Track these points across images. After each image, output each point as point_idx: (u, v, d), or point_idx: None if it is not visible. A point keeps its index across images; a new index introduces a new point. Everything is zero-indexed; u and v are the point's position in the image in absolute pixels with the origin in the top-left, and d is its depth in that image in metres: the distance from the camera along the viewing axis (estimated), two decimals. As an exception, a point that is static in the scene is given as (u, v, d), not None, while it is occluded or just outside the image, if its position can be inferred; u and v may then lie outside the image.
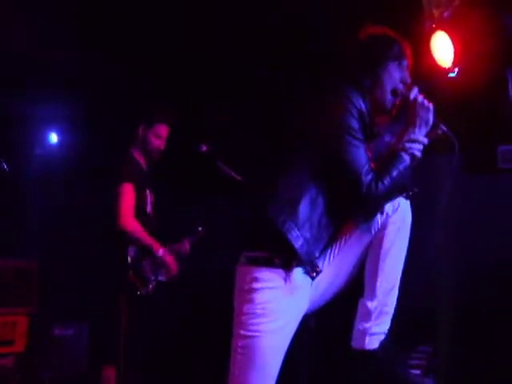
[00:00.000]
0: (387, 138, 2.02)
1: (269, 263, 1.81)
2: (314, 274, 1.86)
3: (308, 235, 1.82)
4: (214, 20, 3.52)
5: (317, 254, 1.87)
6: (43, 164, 4.74)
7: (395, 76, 1.96)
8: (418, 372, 2.26)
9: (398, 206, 1.93)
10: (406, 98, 1.93)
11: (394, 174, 1.83)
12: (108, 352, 3.23)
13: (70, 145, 4.80)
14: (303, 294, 1.89)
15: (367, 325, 1.94)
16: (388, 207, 1.91)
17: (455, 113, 2.88)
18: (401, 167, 1.85)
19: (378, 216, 1.91)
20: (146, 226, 3.23)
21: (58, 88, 4.12)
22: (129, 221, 3.13)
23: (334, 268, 1.96)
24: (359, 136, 1.85)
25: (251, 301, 1.80)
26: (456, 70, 3.03)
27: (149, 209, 3.34)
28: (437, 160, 2.85)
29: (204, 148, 3.30)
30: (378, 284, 1.92)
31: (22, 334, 4.13)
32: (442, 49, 3.05)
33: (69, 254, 4.49)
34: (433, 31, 3.06)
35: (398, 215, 1.93)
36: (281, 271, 1.81)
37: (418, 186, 1.97)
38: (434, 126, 1.91)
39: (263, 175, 2.06)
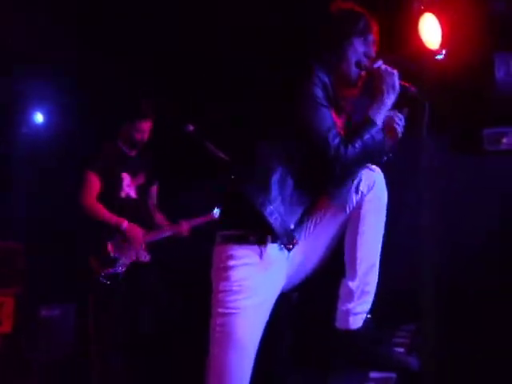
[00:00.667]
0: (357, 117, 2.03)
1: (243, 240, 1.82)
2: (291, 246, 1.87)
3: (281, 209, 1.84)
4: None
5: (292, 226, 1.89)
6: (29, 143, 4.72)
7: (360, 50, 1.97)
8: (401, 350, 2.28)
9: (374, 184, 1.92)
10: (370, 71, 1.95)
11: (366, 137, 1.83)
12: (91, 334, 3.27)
13: (56, 124, 4.79)
14: (279, 271, 1.91)
15: (350, 305, 1.94)
16: (363, 186, 1.90)
17: (442, 94, 2.89)
18: (372, 131, 1.85)
19: (354, 195, 1.91)
20: (121, 210, 3.30)
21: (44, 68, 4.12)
22: (86, 203, 3.28)
23: (309, 245, 1.97)
24: (324, 103, 1.86)
25: (227, 278, 1.81)
26: (443, 52, 3.04)
27: (125, 192, 3.39)
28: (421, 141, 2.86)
29: (191, 128, 3.31)
30: (358, 264, 1.92)
31: (9, 315, 4.13)
32: (430, 31, 3.06)
33: (56, 234, 4.48)
34: (421, 13, 3.06)
35: (374, 194, 1.92)
36: (256, 248, 1.82)
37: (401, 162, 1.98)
38: (403, 90, 1.92)
39: (237, 157, 2.06)
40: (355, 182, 1.90)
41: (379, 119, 1.89)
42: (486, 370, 3.03)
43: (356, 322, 1.95)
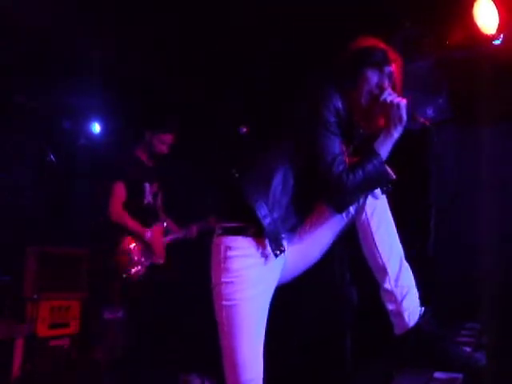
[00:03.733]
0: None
1: (242, 232, 1.91)
2: (278, 252, 1.93)
3: (276, 216, 1.92)
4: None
5: (282, 235, 1.94)
6: (88, 154, 4.88)
7: (373, 81, 2.02)
8: (467, 349, 2.20)
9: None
10: (379, 102, 1.99)
11: (369, 167, 1.89)
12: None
13: (113, 134, 4.92)
14: (275, 264, 1.96)
15: (397, 305, 1.96)
16: None
17: (500, 81, 2.77)
18: (376, 162, 1.91)
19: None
20: (144, 216, 3.66)
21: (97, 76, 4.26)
22: (115, 213, 3.58)
23: (304, 246, 2.04)
24: (334, 129, 1.93)
25: (227, 270, 1.89)
26: (501, 36, 2.91)
27: (147, 200, 3.73)
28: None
29: (244, 130, 3.42)
30: (386, 263, 1.97)
31: (75, 317, 4.33)
32: (486, 15, 2.93)
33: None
34: (475, -4, 2.94)
35: (371, 200, 1.99)
36: (252, 240, 1.90)
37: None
38: (412, 119, 1.97)
39: (245, 156, 2.13)
40: None
41: (384, 151, 1.93)
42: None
43: (412, 317, 1.95)
